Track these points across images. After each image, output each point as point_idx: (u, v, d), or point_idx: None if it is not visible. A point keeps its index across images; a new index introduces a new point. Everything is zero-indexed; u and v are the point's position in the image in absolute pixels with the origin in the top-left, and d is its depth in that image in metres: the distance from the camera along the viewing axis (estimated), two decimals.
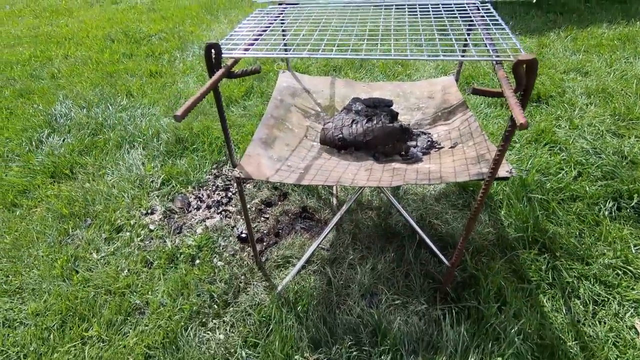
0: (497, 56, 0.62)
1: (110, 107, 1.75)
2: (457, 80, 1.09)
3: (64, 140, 1.54)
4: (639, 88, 1.64)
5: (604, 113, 1.51)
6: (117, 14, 3.22)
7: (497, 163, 0.62)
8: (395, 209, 1.13)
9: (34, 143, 1.53)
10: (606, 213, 1.08)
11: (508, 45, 0.64)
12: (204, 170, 1.36)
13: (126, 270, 1.02)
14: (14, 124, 1.67)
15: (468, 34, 0.75)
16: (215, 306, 0.92)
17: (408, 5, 0.89)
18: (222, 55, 0.64)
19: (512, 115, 0.52)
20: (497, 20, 0.76)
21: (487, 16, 0.78)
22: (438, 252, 1.00)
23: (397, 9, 0.90)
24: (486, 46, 0.65)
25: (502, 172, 0.68)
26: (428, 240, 1.03)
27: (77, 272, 1.02)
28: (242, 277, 1.00)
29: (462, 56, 0.84)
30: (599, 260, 0.95)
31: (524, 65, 0.50)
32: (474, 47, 0.69)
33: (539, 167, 1.25)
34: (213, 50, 0.62)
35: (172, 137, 1.49)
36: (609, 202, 1.10)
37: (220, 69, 0.64)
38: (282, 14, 0.89)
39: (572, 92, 1.67)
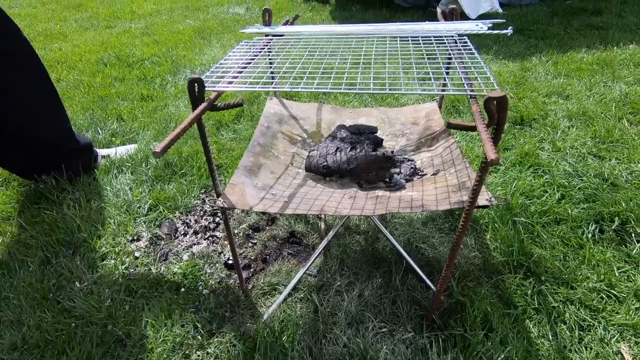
0: (472, 90, 0.64)
1: (100, 131, 1.76)
2: (441, 106, 1.12)
3: None
4: (617, 111, 1.69)
5: (585, 135, 1.55)
6: (111, 37, 3.27)
7: (475, 193, 0.63)
8: (383, 234, 1.14)
9: None
10: (589, 236, 1.09)
11: (482, 79, 0.66)
12: (192, 195, 1.36)
13: (109, 300, 1.00)
14: None
15: (447, 68, 0.78)
16: (199, 337, 0.90)
17: (390, 37, 0.93)
18: (205, 89, 0.66)
19: None
20: (473, 53, 0.79)
21: (464, 49, 0.81)
22: (425, 278, 1.00)
23: (379, 40, 0.93)
24: (461, 80, 0.68)
25: (481, 200, 0.69)
26: (415, 266, 1.03)
27: (58, 302, 0.99)
28: (228, 305, 0.98)
29: (442, 90, 0.87)
30: (584, 284, 0.96)
31: (495, 102, 0.52)
32: (452, 79, 0.71)
33: (523, 189, 1.27)
34: (196, 85, 0.64)
35: (161, 161, 1.50)
36: (592, 225, 1.12)
37: (203, 103, 0.65)
38: (267, 45, 0.92)
39: (554, 115, 1.72)
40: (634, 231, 1.08)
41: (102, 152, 1.56)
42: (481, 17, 3.12)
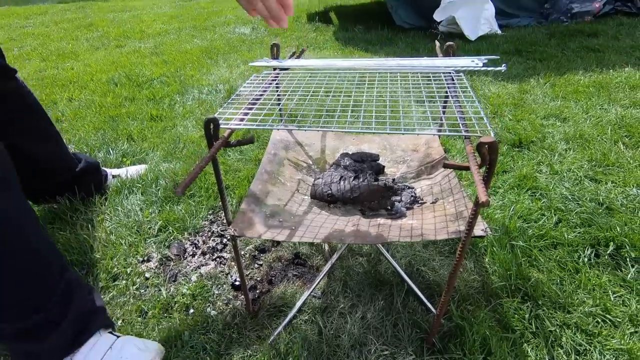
0: (466, 131, 0.69)
1: (111, 152, 1.82)
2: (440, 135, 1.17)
3: None
4: (613, 134, 1.74)
5: (582, 159, 1.59)
6: (121, 57, 3.38)
7: (470, 226, 0.68)
8: (385, 256, 1.18)
9: None
10: (585, 260, 1.13)
11: (476, 119, 0.71)
12: (200, 216, 1.41)
13: (121, 321, 1.04)
14: None
15: (443, 107, 0.83)
16: (208, 359, 0.93)
17: (390, 73, 0.99)
18: (220, 127, 0.71)
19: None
20: (468, 91, 0.84)
21: (460, 87, 0.87)
22: (426, 301, 1.04)
23: (380, 75, 0.99)
24: (457, 120, 0.73)
25: (477, 231, 0.74)
26: (416, 289, 1.06)
27: None
28: (235, 326, 1.02)
29: (439, 130, 0.92)
30: (580, 309, 0.99)
31: (486, 146, 0.57)
32: (448, 118, 0.77)
33: (521, 213, 1.31)
34: (212, 124, 0.69)
35: (171, 182, 1.55)
36: (588, 249, 1.15)
37: (218, 141, 0.70)
38: (275, 80, 0.98)
39: (552, 138, 1.77)
40: (629, 256, 1.11)
41: (113, 171, 1.61)
42: (481, 38, 3.21)
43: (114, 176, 1.60)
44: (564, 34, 3.16)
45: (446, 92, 0.86)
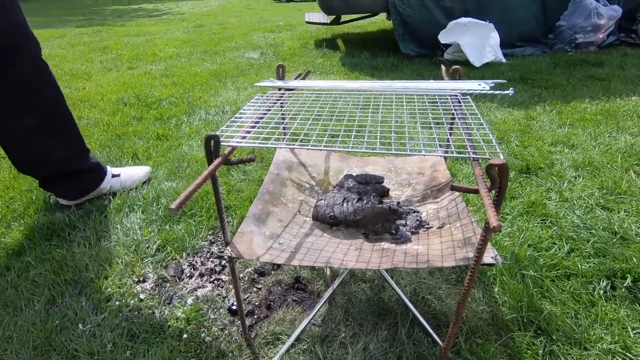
0: (475, 153, 0.67)
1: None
2: (446, 158, 1.15)
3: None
4: (623, 162, 1.70)
5: (592, 186, 1.55)
6: (133, 78, 3.46)
7: (480, 253, 0.64)
8: (389, 283, 1.13)
9: (37, 204, 1.57)
10: (601, 292, 1.07)
11: (484, 142, 0.69)
12: (200, 236, 1.38)
13: (110, 344, 0.99)
14: (20, 185, 1.73)
15: (450, 129, 0.82)
16: None
17: (396, 94, 0.98)
18: (221, 144, 0.69)
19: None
20: (476, 114, 0.83)
21: (467, 109, 0.85)
22: (432, 332, 0.98)
23: (386, 97, 0.98)
24: (464, 142, 0.71)
25: (487, 259, 0.70)
26: (421, 319, 1.01)
27: (60, 344, 0.99)
28: (230, 354, 0.96)
29: (445, 152, 0.90)
30: (597, 345, 0.93)
31: (496, 168, 0.54)
32: (456, 140, 0.75)
33: (531, 241, 1.26)
34: (212, 140, 0.67)
35: (172, 201, 1.53)
36: (603, 281, 1.09)
37: (218, 158, 0.68)
38: (279, 100, 0.98)
39: (560, 165, 1.73)
40: None
41: (113, 170, 1.63)
42: (485, 66, 3.25)
43: (113, 175, 1.61)
44: (568, 63, 3.19)
45: (453, 114, 0.85)
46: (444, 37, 3.31)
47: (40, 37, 1.39)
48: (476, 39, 3.24)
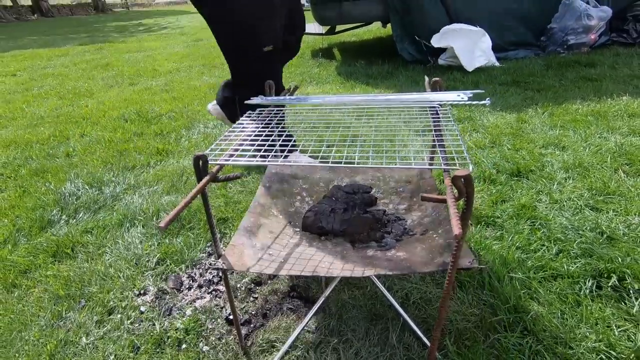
0: (446, 164, 0.71)
1: (117, 187, 1.87)
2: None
3: (69, 220, 1.63)
4: (613, 162, 1.73)
5: (582, 187, 1.58)
6: (134, 94, 3.54)
7: (455, 257, 0.68)
8: (379, 289, 1.16)
9: (41, 222, 1.62)
10: (587, 292, 1.09)
11: (456, 152, 0.73)
12: (199, 248, 1.42)
13: (112, 356, 1.03)
14: (25, 203, 1.79)
15: (433, 140, 0.86)
16: None
17: (378, 108, 1.02)
18: (209, 163, 0.74)
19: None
20: (452, 123, 0.87)
21: (444, 120, 0.89)
22: (422, 336, 1.01)
23: (369, 110, 1.03)
24: (438, 153, 0.75)
25: (464, 263, 0.73)
26: (412, 323, 1.04)
27: (64, 358, 1.03)
28: None
29: (430, 163, 0.94)
30: (582, 344, 0.95)
31: (462, 179, 0.58)
32: (432, 151, 0.79)
33: (519, 243, 1.29)
34: (201, 160, 0.72)
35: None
36: (589, 281, 1.12)
37: (207, 176, 0.73)
38: (268, 117, 1.02)
39: (551, 167, 1.76)
40: (632, 287, 1.08)
41: None
42: (479, 70, 3.30)
43: None
44: (561, 64, 3.23)
45: (431, 126, 0.89)
46: (437, 41, 3.36)
47: (43, 57, 1.47)
48: (468, 43, 3.29)
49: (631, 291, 1.08)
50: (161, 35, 8.49)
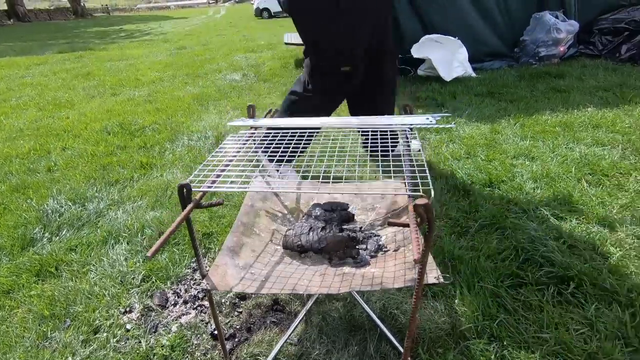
0: (412, 190, 0.77)
1: (101, 203, 1.88)
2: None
3: (52, 237, 1.64)
4: (577, 172, 1.85)
5: (549, 197, 1.69)
6: (116, 105, 3.53)
7: (421, 274, 0.74)
8: (357, 301, 1.22)
9: (24, 240, 1.62)
10: (549, 298, 1.18)
11: (421, 178, 0.80)
12: (184, 264, 1.45)
13: None
14: (6, 220, 1.78)
15: (394, 164, 0.93)
16: None
17: (359, 130, 1.09)
18: (192, 190, 0.79)
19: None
20: (419, 150, 0.94)
21: (413, 143, 0.96)
22: (397, 345, 1.08)
23: (344, 133, 1.09)
24: (404, 178, 0.81)
25: (430, 279, 0.80)
26: (388, 333, 1.10)
27: None
28: None
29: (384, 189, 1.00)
30: (543, 348, 1.03)
31: (423, 207, 0.65)
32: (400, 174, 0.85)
33: (489, 253, 1.37)
34: (185, 189, 0.77)
35: (156, 232, 1.61)
36: (551, 288, 1.21)
37: (190, 203, 0.78)
38: (248, 140, 1.08)
39: (520, 177, 1.87)
40: (588, 293, 1.17)
41: None
42: (456, 80, 3.42)
43: None
44: (532, 75, 3.39)
45: (399, 150, 0.96)
46: (416, 52, 3.48)
47: (21, 66, 1.48)
48: (446, 54, 3.41)
49: (587, 296, 1.17)
50: (144, 42, 8.42)
